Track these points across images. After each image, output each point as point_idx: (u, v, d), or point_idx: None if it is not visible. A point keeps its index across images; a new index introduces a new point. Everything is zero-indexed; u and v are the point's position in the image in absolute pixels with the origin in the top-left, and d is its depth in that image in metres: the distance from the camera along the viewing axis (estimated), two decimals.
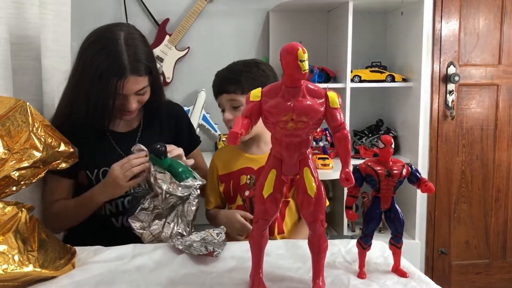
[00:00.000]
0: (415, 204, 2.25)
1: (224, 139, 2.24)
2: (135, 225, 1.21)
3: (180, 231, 1.22)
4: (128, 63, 1.26)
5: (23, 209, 0.94)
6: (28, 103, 1.09)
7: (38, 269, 0.87)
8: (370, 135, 2.46)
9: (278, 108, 0.80)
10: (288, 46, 0.78)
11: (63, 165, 1.19)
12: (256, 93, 0.83)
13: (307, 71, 0.78)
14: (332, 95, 0.82)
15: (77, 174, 1.38)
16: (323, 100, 0.82)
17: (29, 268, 0.86)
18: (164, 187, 1.19)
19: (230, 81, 1.40)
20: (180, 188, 1.21)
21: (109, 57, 1.26)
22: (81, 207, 1.33)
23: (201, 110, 2.31)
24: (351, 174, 0.80)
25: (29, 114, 1.09)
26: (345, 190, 2.05)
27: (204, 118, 2.33)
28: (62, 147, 1.15)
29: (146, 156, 1.24)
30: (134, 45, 1.30)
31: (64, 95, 1.39)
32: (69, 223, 1.38)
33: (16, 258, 0.85)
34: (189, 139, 1.58)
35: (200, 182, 1.26)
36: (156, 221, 1.22)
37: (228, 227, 1.31)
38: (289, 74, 0.79)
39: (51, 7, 1.54)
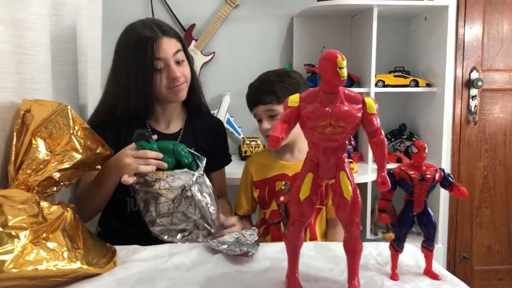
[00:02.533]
0: (437, 209, 2.26)
1: (248, 142, 2.27)
2: (160, 234, 1.19)
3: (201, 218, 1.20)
4: (157, 28, 1.35)
5: (68, 208, 0.98)
6: (69, 107, 1.14)
7: (85, 266, 0.91)
8: (393, 139, 2.46)
9: (316, 113, 0.82)
10: (327, 53, 0.80)
11: (99, 166, 1.24)
12: (294, 99, 0.85)
13: (346, 77, 0.81)
14: (369, 101, 0.84)
15: None
16: (360, 105, 0.84)
17: (77, 264, 0.89)
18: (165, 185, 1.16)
19: (265, 92, 1.42)
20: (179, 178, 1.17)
21: (140, 30, 1.34)
22: (102, 181, 1.29)
23: (226, 114, 2.35)
24: (387, 178, 0.82)
25: (70, 117, 1.13)
26: (369, 194, 2.09)
27: (228, 122, 2.36)
28: (100, 150, 1.19)
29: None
30: (162, 22, 1.41)
31: (106, 89, 1.43)
32: (92, 205, 1.33)
33: (66, 255, 0.88)
34: (221, 156, 1.60)
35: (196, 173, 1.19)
36: (175, 215, 1.19)
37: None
38: (327, 80, 0.81)
39: (85, 13, 1.59)
